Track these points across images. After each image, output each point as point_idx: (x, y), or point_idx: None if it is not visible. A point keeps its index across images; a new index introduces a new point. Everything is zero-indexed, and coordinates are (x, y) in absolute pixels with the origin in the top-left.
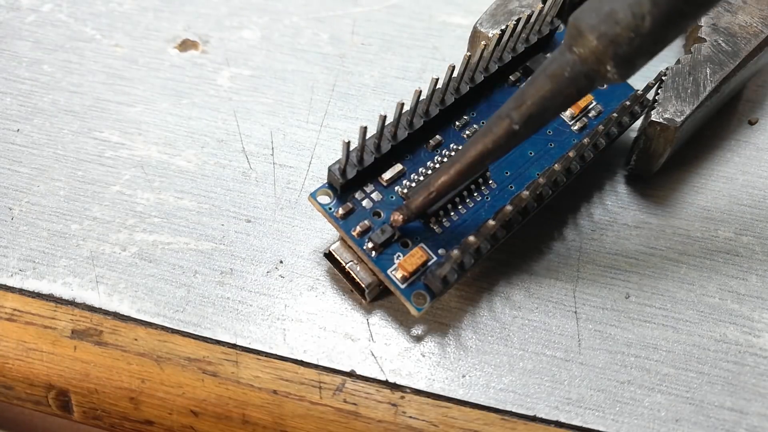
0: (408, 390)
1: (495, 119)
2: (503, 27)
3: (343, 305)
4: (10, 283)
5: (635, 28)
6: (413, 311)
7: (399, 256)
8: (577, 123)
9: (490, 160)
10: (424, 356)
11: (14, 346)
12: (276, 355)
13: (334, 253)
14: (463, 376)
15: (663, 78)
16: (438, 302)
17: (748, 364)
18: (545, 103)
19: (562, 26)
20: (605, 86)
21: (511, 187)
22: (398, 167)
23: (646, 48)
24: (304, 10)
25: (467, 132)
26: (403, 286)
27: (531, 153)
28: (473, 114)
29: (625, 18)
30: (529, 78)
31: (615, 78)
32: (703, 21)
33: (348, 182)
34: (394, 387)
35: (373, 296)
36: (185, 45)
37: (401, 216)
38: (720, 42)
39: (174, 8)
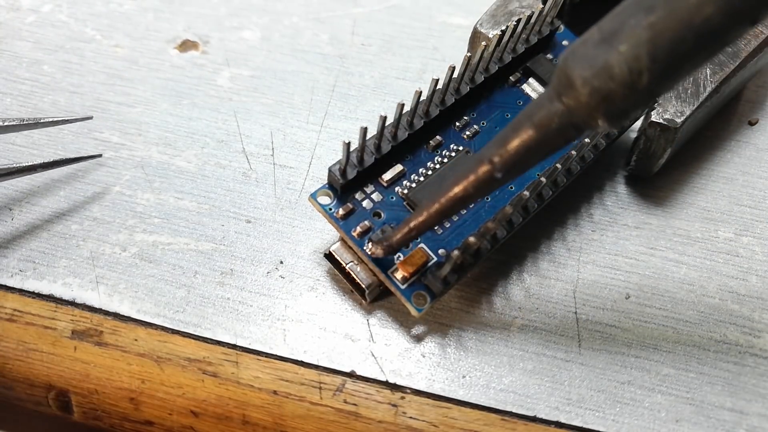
0: (408, 390)
1: (476, 162)
2: (503, 28)
3: (343, 306)
4: (11, 283)
5: (631, 84)
6: (413, 312)
7: (399, 256)
8: None
9: (469, 203)
10: (424, 357)
11: (14, 347)
12: (276, 355)
13: (334, 253)
14: (464, 377)
15: None
16: (438, 303)
17: (748, 364)
18: (529, 152)
19: (562, 27)
20: None
21: (511, 187)
22: (398, 168)
23: (640, 103)
24: (304, 10)
25: (467, 132)
26: (403, 287)
27: None
28: (473, 114)
29: (621, 74)
30: (512, 121)
31: (605, 130)
32: None
33: (348, 183)
34: (395, 387)
35: (374, 297)
36: (185, 45)
37: (381, 250)
38: None
39: (174, 9)
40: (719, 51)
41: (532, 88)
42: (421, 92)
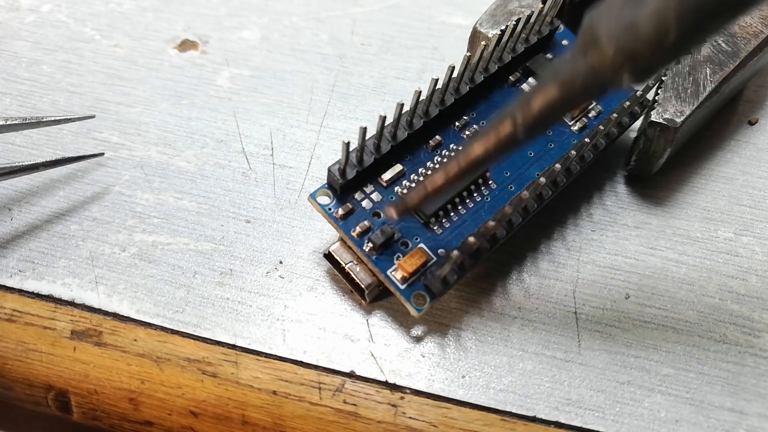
0: (408, 391)
1: (498, 121)
2: (503, 27)
3: (342, 306)
4: (10, 283)
5: (657, 42)
6: (413, 312)
7: (399, 256)
8: (577, 123)
9: (490, 163)
10: (423, 357)
11: (14, 347)
12: (276, 355)
13: (333, 253)
14: (463, 377)
15: (663, 78)
16: (438, 303)
17: (748, 364)
18: (552, 110)
19: (561, 26)
20: None
21: (511, 187)
22: (398, 168)
23: (665, 60)
24: (303, 10)
25: (467, 132)
26: (402, 287)
27: (531, 153)
28: (473, 114)
29: (647, 32)
30: (537, 81)
31: (629, 86)
32: None
33: (348, 183)
34: (394, 388)
35: (373, 297)
36: (185, 45)
37: (395, 210)
38: (720, 42)
39: (174, 9)
40: (745, 10)
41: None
42: (420, 92)
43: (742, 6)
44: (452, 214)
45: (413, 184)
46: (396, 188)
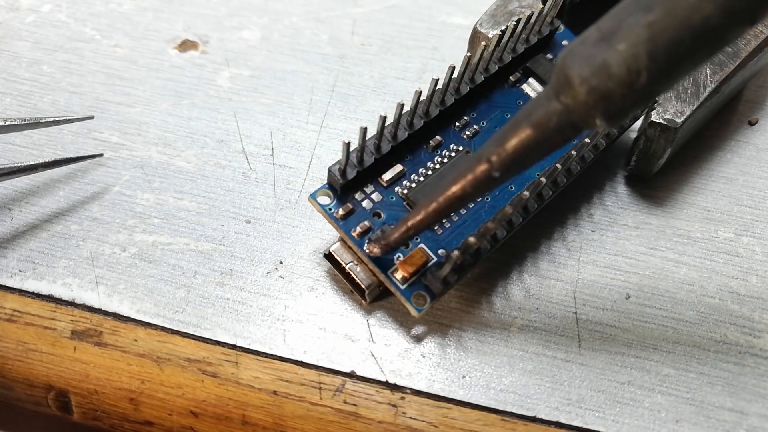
0: (408, 391)
1: (474, 161)
2: (503, 27)
3: (343, 306)
4: (10, 283)
5: (629, 83)
6: (413, 312)
7: (399, 256)
8: None
9: (467, 202)
10: (424, 357)
11: (14, 347)
12: (276, 355)
13: (334, 253)
14: (464, 377)
15: None
16: (438, 303)
17: (748, 364)
18: (527, 151)
19: (562, 27)
20: None
21: (511, 187)
22: (398, 168)
23: (638, 102)
24: (303, 10)
25: (467, 132)
26: (403, 287)
27: None
28: (473, 114)
29: (620, 73)
30: (510, 120)
31: (603, 128)
32: None
33: (348, 183)
34: (394, 388)
35: (373, 297)
36: (185, 45)
37: (378, 249)
38: None
39: (174, 9)
40: (718, 50)
41: (532, 88)
42: (420, 92)
43: (713, 47)
44: (452, 214)
45: (413, 185)
46: (396, 188)
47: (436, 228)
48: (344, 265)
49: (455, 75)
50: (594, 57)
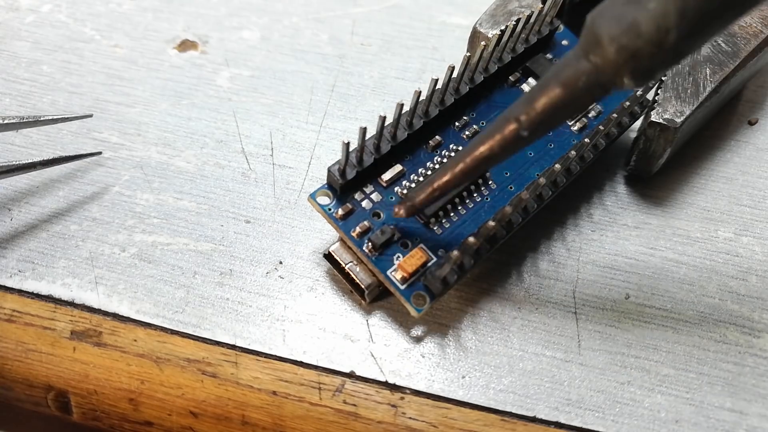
0: (408, 391)
1: (502, 121)
2: (503, 27)
3: (342, 306)
4: (10, 284)
5: (658, 42)
6: (413, 312)
7: (399, 257)
8: (577, 123)
9: (494, 162)
10: (423, 357)
11: (13, 347)
12: (275, 356)
13: (333, 253)
14: (463, 377)
15: (663, 78)
16: (438, 303)
17: (748, 364)
18: (556, 110)
19: (561, 27)
20: None
21: (511, 187)
22: (398, 168)
23: (667, 61)
24: (303, 10)
25: (467, 132)
26: (402, 287)
27: (530, 153)
28: (473, 114)
29: (649, 31)
30: (539, 81)
31: (631, 88)
32: None
33: (347, 183)
34: (394, 388)
35: (373, 297)
36: (185, 45)
37: (403, 210)
38: (720, 42)
39: (173, 9)
40: (748, 10)
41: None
42: (420, 92)
43: (743, 6)
44: (452, 214)
45: (413, 185)
46: (396, 188)
47: (435, 228)
48: (344, 265)
49: (455, 75)
50: (624, 16)
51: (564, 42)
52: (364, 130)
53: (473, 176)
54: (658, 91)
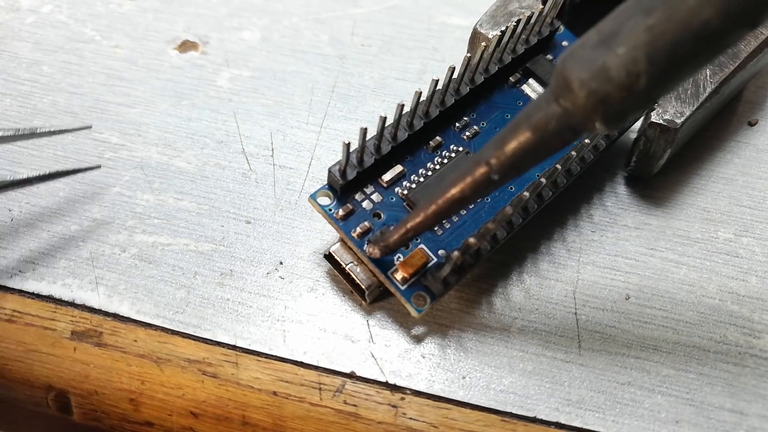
0: (408, 391)
1: (473, 164)
2: (503, 28)
3: (343, 307)
4: (10, 284)
5: (629, 87)
6: (413, 313)
7: (399, 257)
8: None
9: (466, 204)
10: (424, 357)
11: (14, 348)
12: (276, 356)
13: (334, 254)
14: (464, 378)
15: None
16: (438, 303)
17: (748, 365)
18: (526, 154)
19: (562, 27)
20: None
21: (511, 188)
22: (398, 168)
23: (638, 105)
24: (303, 11)
25: (467, 133)
26: (403, 288)
27: None
28: (473, 115)
29: (619, 76)
30: (509, 123)
31: (602, 132)
32: None
33: (348, 183)
34: (394, 388)
35: (373, 297)
36: (185, 46)
37: (378, 250)
38: None
39: (174, 9)
40: (718, 54)
41: (532, 88)
42: (420, 93)
43: (714, 51)
44: (452, 215)
45: (413, 185)
46: (396, 189)
47: (436, 229)
48: (344, 265)
49: (455, 76)
50: (593, 60)
51: (564, 43)
52: (364, 131)
53: (445, 218)
54: None
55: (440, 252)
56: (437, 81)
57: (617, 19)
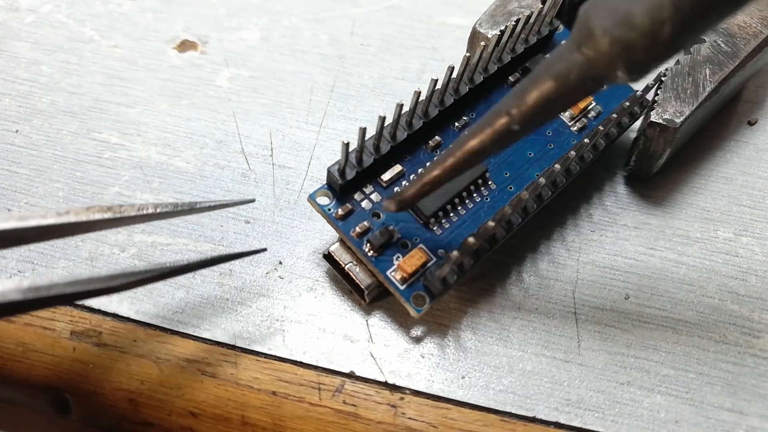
0: (407, 391)
1: (493, 115)
2: (502, 28)
3: (342, 306)
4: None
5: (652, 34)
6: (413, 312)
7: (398, 257)
8: (577, 124)
9: (485, 156)
10: (423, 357)
11: (13, 348)
12: (275, 356)
13: (333, 254)
14: (463, 377)
15: (662, 79)
16: (437, 303)
17: (747, 365)
18: (547, 104)
19: (561, 27)
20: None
21: (511, 188)
22: (397, 168)
23: (661, 54)
24: (303, 10)
25: (466, 133)
26: (402, 288)
27: (530, 154)
28: (472, 115)
29: (643, 23)
30: (530, 73)
31: (624, 82)
32: None
33: (347, 183)
34: (394, 388)
35: (373, 297)
36: (184, 46)
37: (393, 204)
38: (719, 42)
39: (173, 9)
40: (741, 4)
41: None
42: (420, 92)
43: (737, 0)
44: (452, 214)
45: None
46: (396, 189)
47: (435, 228)
48: (343, 265)
49: (454, 75)
50: (617, 8)
51: (563, 42)
52: (363, 131)
53: (464, 170)
54: (658, 92)
55: (439, 251)
56: (436, 80)
57: None
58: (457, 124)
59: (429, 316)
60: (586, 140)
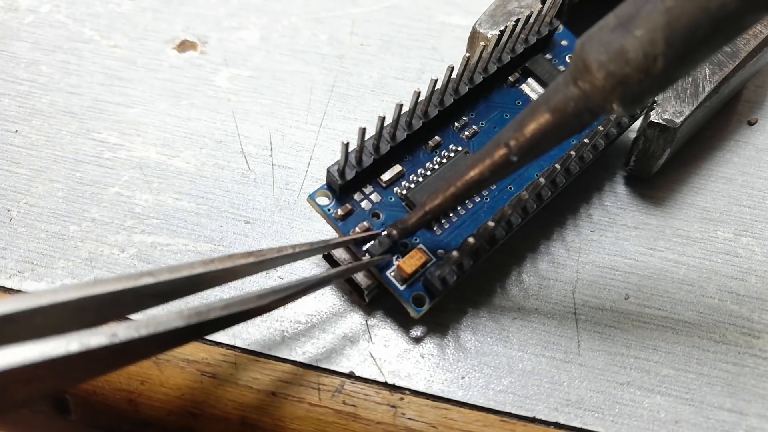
0: (407, 391)
1: (493, 146)
2: (502, 28)
3: (342, 307)
4: (9, 284)
5: (646, 69)
6: (412, 313)
7: (398, 257)
8: None
9: (485, 186)
10: (423, 357)
11: None
12: (275, 356)
13: (333, 254)
14: (463, 378)
15: None
16: (437, 304)
17: (747, 365)
18: (545, 136)
19: (561, 27)
20: None
21: (510, 188)
22: (397, 168)
23: (655, 87)
24: (302, 10)
25: (466, 133)
26: (402, 288)
27: None
28: (472, 115)
29: (636, 58)
30: (528, 106)
31: (620, 114)
32: None
33: (347, 183)
34: (393, 388)
35: (372, 297)
36: (184, 46)
37: (396, 232)
38: None
39: (172, 9)
40: (735, 37)
41: (531, 88)
42: (419, 92)
43: (730, 33)
44: (451, 214)
45: (412, 185)
46: (395, 189)
47: (435, 228)
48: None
49: (454, 75)
50: (612, 43)
51: (563, 42)
52: (363, 131)
53: (464, 200)
54: None
55: (439, 252)
56: (436, 80)
57: (635, 3)
58: (456, 124)
59: (429, 316)
60: (585, 140)
